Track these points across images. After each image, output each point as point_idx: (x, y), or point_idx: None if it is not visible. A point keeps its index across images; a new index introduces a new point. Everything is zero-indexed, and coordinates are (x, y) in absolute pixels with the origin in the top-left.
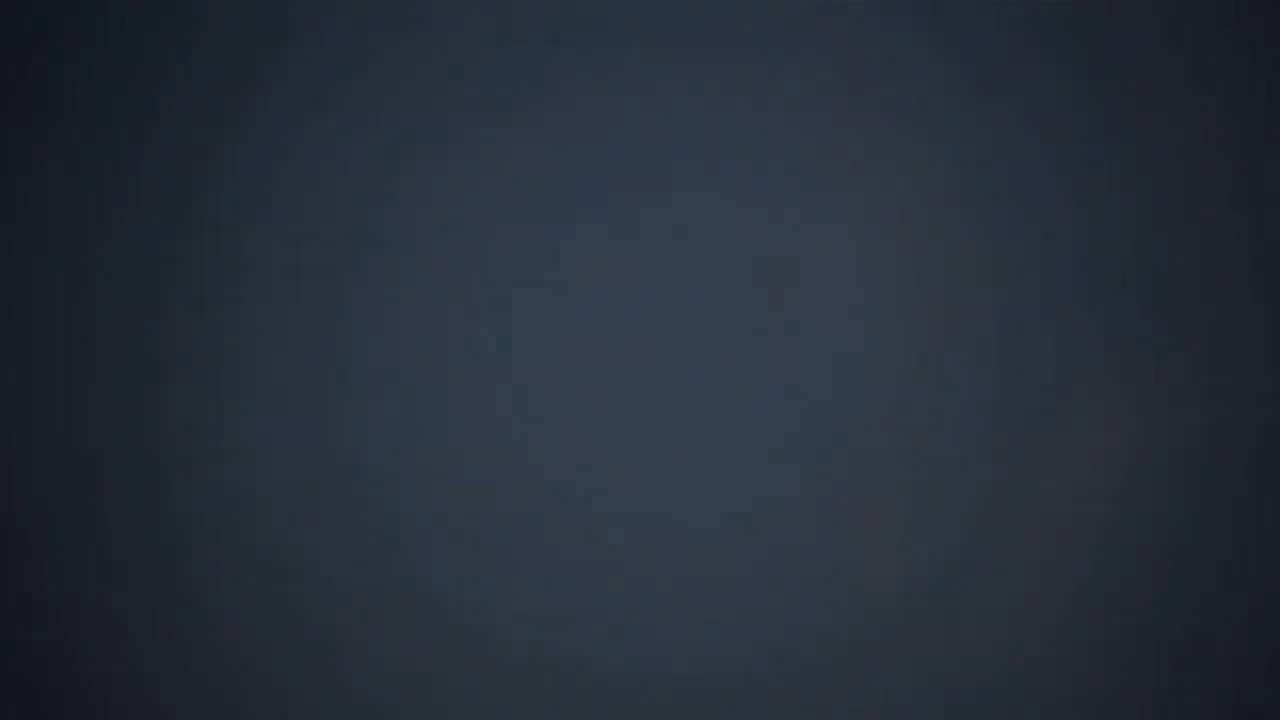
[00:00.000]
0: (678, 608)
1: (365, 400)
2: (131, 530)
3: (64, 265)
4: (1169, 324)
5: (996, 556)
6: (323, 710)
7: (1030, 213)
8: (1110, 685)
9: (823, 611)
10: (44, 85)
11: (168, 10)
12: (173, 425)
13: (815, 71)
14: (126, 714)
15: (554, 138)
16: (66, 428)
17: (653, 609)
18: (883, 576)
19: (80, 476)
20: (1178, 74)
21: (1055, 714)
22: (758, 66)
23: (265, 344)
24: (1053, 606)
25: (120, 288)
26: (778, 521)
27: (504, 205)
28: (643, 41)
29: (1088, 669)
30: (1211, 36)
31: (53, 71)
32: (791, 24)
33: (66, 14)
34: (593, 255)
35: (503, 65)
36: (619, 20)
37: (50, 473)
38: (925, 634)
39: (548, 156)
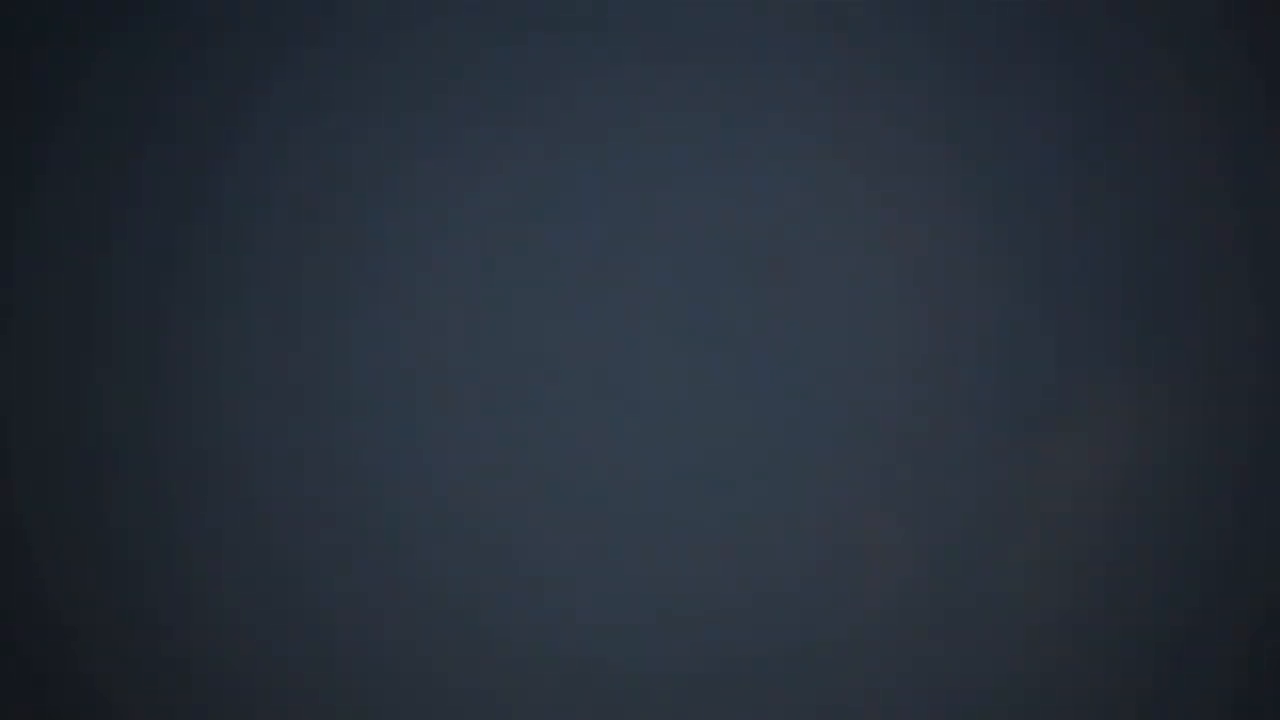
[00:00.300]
0: (678, 608)
1: (365, 400)
2: (131, 530)
3: (64, 265)
4: (1169, 324)
5: (996, 557)
6: (322, 711)
7: (1030, 213)
8: (1110, 685)
9: (823, 612)
10: (44, 85)
11: (168, 11)
12: (173, 426)
13: (815, 71)
14: (126, 714)
15: (554, 138)
16: (66, 428)
17: (653, 609)
18: (883, 577)
19: (80, 476)
20: (1178, 74)
21: (1055, 714)
22: (758, 66)
23: (265, 344)
24: (1053, 606)
25: (120, 288)
26: (778, 522)
27: (504, 205)
28: (643, 41)
29: (1088, 669)
30: (1211, 36)
31: (53, 71)
32: (791, 24)
33: (66, 14)
34: (593, 255)
35: (503, 65)
36: (619, 20)
37: (50, 473)
38: (925, 634)
39: (548, 156)
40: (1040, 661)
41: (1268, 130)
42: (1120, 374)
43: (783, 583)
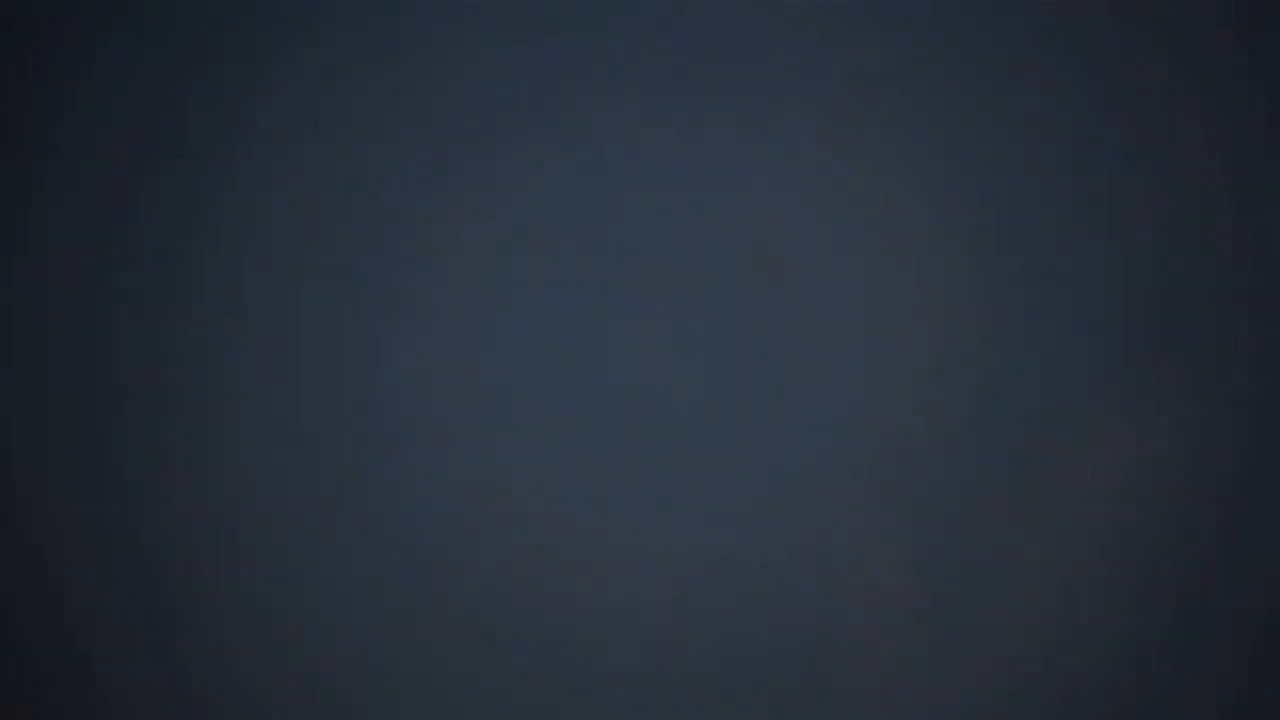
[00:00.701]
0: (678, 608)
1: (366, 399)
2: (133, 529)
3: (64, 265)
4: (1169, 325)
5: (996, 557)
6: (323, 710)
7: (1030, 214)
8: (1110, 685)
9: (823, 612)
10: (44, 85)
11: (168, 11)
12: (173, 426)
13: (816, 73)
14: (127, 714)
15: (554, 140)
16: (66, 428)
17: (653, 609)
18: (883, 577)
19: (80, 476)
20: (1178, 74)
21: (1055, 714)
22: (759, 68)
23: (266, 343)
24: (1053, 606)
25: (121, 288)
26: (777, 522)
27: (505, 206)
28: (643, 42)
29: (1088, 669)
30: (1211, 36)
31: (53, 71)
32: (791, 24)
33: (66, 14)
34: (593, 256)
35: (504, 67)
36: (619, 21)
37: (50, 473)
38: (925, 636)
39: (548, 159)
40: (1040, 661)
41: (1268, 130)
42: (1120, 375)
43: (782, 582)
